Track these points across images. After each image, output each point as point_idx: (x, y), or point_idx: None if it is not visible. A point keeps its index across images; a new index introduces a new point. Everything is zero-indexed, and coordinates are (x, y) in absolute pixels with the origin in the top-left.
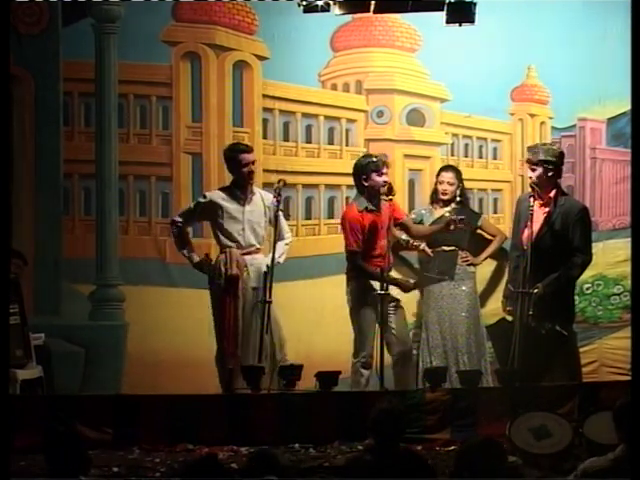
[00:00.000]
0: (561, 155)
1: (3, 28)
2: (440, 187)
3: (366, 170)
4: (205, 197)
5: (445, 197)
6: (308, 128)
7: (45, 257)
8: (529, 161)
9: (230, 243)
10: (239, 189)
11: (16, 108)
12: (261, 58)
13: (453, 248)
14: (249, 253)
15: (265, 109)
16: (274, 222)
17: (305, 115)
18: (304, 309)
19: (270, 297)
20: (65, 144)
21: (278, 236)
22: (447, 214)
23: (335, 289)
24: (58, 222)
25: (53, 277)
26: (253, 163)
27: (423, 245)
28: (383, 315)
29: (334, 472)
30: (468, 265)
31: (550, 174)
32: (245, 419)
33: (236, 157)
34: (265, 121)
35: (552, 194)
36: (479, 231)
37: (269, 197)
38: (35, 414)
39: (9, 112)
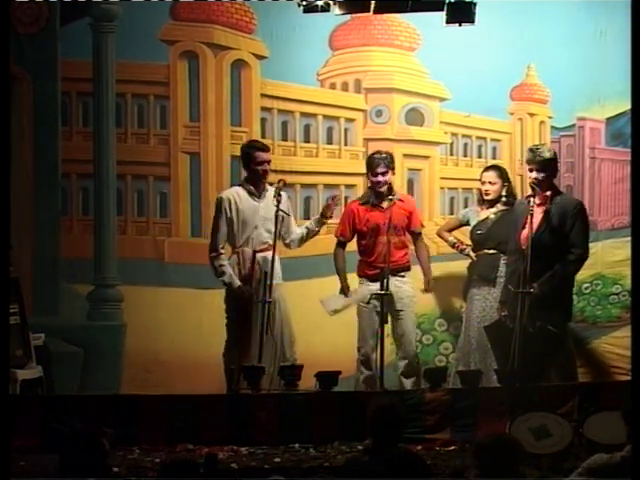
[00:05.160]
0: (556, 154)
1: (3, 28)
2: (482, 187)
3: (367, 168)
4: (219, 198)
5: (488, 197)
6: (307, 127)
7: (43, 257)
8: (531, 162)
9: (243, 241)
10: (252, 186)
11: (14, 108)
12: (259, 57)
13: (494, 252)
14: (261, 251)
15: (263, 108)
16: (274, 222)
17: (304, 114)
18: (304, 309)
19: (270, 297)
20: (63, 144)
21: (287, 234)
22: (492, 216)
23: (335, 289)
24: (56, 222)
25: (51, 277)
26: (268, 162)
27: (468, 249)
28: (383, 315)
29: (334, 472)
30: None
31: (552, 173)
32: (245, 419)
33: (251, 154)
34: (263, 120)
35: (548, 193)
36: None
37: (281, 195)
38: (35, 414)
39: (8, 112)
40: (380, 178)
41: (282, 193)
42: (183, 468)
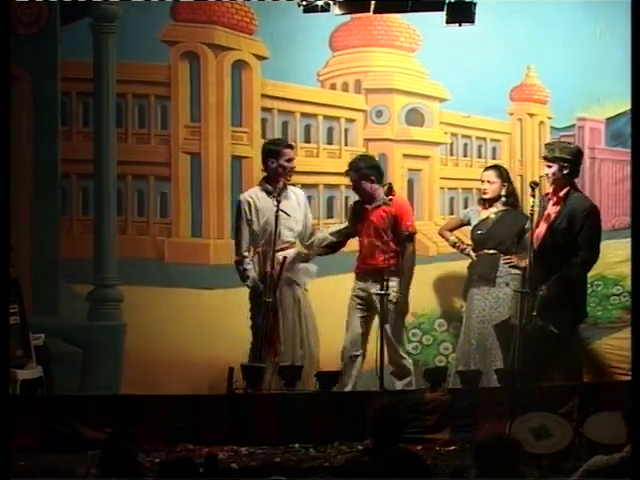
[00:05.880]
0: (578, 153)
1: (3, 28)
2: (481, 187)
3: None
4: (239, 201)
5: (485, 196)
6: (307, 128)
7: (43, 257)
8: (545, 158)
9: (265, 241)
10: (272, 185)
11: (14, 108)
12: (260, 58)
13: (494, 252)
14: (283, 249)
15: (264, 109)
16: (274, 222)
17: (304, 115)
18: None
19: (270, 297)
20: (63, 144)
21: (307, 235)
22: (493, 216)
23: (335, 289)
24: (56, 222)
25: (51, 277)
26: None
27: (468, 249)
28: (383, 315)
29: (334, 472)
30: (512, 267)
31: (565, 172)
32: (245, 419)
33: (279, 151)
34: (264, 121)
35: (563, 193)
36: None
37: (301, 193)
38: (35, 414)
39: (8, 112)
40: (352, 188)
41: (299, 191)
42: (182, 468)
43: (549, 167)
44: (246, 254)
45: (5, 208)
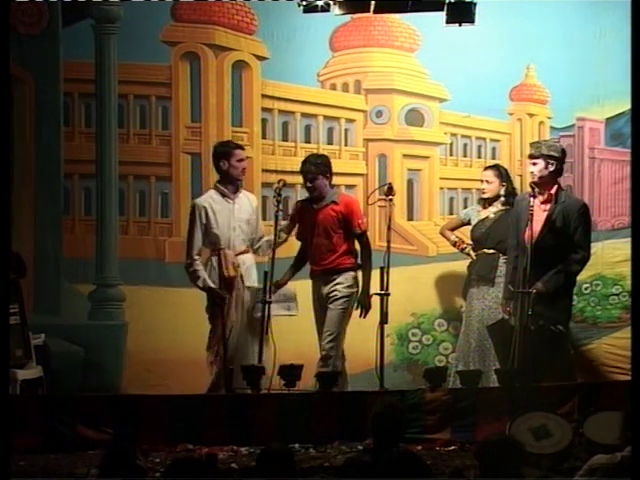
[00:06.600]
0: (562, 152)
1: (3, 28)
2: (481, 186)
3: None
4: (194, 205)
5: (484, 196)
6: (307, 128)
7: (45, 257)
8: (531, 156)
9: (224, 243)
10: (227, 187)
11: (16, 108)
12: (260, 58)
13: (494, 251)
14: (240, 253)
15: (264, 109)
16: (274, 222)
17: (304, 115)
18: (303, 309)
19: (270, 297)
20: (65, 144)
21: (255, 239)
22: (492, 215)
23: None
24: (58, 222)
25: (53, 277)
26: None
27: (469, 248)
28: (383, 315)
29: (334, 472)
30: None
31: (551, 169)
32: (245, 419)
33: (231, 152)
34: (264, 121)
35: (553, 191)
36: None
37: (253, 197)
38: (35, 414)
39: (9, 112)
40: (308, 184)
41: (251, 195)
42: (189, 467)
43: (534, 164)
44: (196, 257)
45: (7, 208)
